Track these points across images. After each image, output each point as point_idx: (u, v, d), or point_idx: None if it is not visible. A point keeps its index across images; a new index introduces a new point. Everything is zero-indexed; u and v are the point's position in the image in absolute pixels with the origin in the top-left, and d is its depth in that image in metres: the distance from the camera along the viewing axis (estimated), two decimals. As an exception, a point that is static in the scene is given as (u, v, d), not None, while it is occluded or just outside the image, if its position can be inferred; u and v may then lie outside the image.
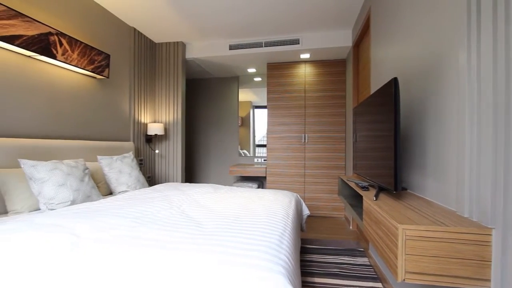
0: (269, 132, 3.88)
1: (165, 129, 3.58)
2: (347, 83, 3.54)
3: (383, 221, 1.04)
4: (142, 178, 2.60)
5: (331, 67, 3.71)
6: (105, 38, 2.75)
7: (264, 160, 4.50)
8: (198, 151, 4.86)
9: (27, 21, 1.84)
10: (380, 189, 1.44)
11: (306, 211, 2.37)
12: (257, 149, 4.62)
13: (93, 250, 1.05)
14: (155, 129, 3.31)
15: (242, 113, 4.65)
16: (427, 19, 1.29)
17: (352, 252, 2.39)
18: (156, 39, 3.52)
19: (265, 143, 4.57)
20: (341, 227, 3.20)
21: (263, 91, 4.52)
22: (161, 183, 3.60)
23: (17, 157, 1.80)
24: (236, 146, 4.66)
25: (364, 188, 1.56)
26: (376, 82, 2.17)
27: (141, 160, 3.28)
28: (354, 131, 2.22)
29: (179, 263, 0.96)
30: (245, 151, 4.64)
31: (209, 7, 2.69)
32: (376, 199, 1.27)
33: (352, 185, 1.78)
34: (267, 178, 3.86)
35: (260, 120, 4.60)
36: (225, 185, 4.67)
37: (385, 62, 1.93)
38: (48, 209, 1.69)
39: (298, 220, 2.02)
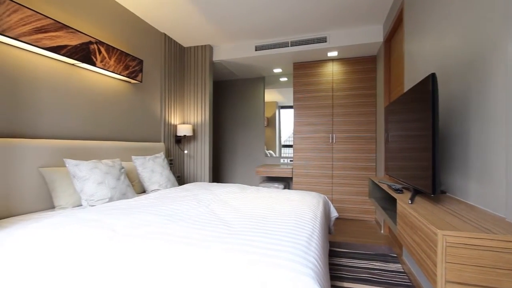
0: (295, 132, 3.84)
1: (194, 130, 3.69)
2: (378, 81, 3.39)
3: (420, 226, 0.98)
4: (172, 178, 2.71)
5: (360, 65, 3.58)
6: (139, 44, 2.91)
7: (290, 160, 4.46)
8: (224, 151, 4.94)
9: (71, 32, 2.01)
10: (416, 192, 1.35)
11: (334, 213, 2.31)
12: (283, 150, 4.60)
13: (128, 244, 1.11)
14: (184, 130, 3.43)
15: (267, 114, 4.66)
16: (470, 8, 1.19)
17: (384, 258, 2.28)
18: (185, 44, 3.65)
19: (291, 143, 4.53)
20: (372, 231, 3.07)
21: (289, 91, 4.49)
22: (189, 182, 3.72)
23: (62, 157, 1.97)
24: (262, 146, 4.67)
25: (398, 190, 1.48)
26: (411, 79, 2.05)
27: (171, 160, 3.41)
28: (386, 131, 2.12)
29: (210, 260, 0.98)
30: (271, 151, 4.63)
31: (235, 10, 2.73)
32: (411, 203, 1.20)
33: (385, 187, 1.70)
34: (294, 178, 3.82)
35: (286, 121, 4.57)
36: (251, 185, 4.70)
37: (421, 57, 1.82)
38: (89, 205, 1.82)
39: (326, 222, 1.97)
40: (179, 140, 3.61)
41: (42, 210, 1.80)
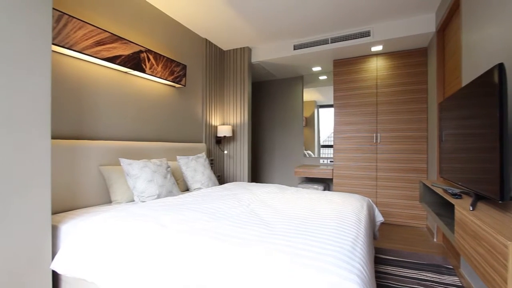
0: (336, 132, 3.71)
1: (233, 131, 3.78)
2: (429, 75, 3.10)
3: (486, 236, 0.87)
4: (213, 177, 2.81)
5: (408, 58, 3.32)
6: (182, 50, 3.08)
7: (331, 161, 4.32)
8: (263, 151, 4.98)
9: (124, 42, 2.20)
10: (478, 198, 1.21)
11: (379, 218, 2.17)
12: (322, 150, 4.47)
13: (176, 238, 1.18)
14: (224, 131, 3.54)
15: (306, 113, 4.57)
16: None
17: (437, 269, 2.08)
18: (225, 47, 3.76)
19: (330, 143, 4.38)
20: (423, 239, 2.82)
21: (329, 90, 4.35)
22: (229, 182, 3.82)
23: (118, 156, 2.17)
24: (301, 146, 4.60)
25: (456, 195, 1.34)
26: (470, 71, 1.84)
27: (212, 160, 3.55)
28: (440, 129, 1.93)
29: (251, 259, 1.00)
30: (309, 152, 4.54)
31: (273, 10, 2.73)
32: (473, 209, 1.07)
33: (439, 191, 1.54)
34: (334, 180, 3.69)
35: (325, 120, 4.43)
36: (289, 185, 4.66)
37: (482, 47, 1.62)
38: (140, 201, 1.97)
39: (371, 226, 1.86)
40: (219, 141, 3.73)
41: (101, 204, 2.01)
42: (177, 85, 2.91)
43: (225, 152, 3.85)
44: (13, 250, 1.24)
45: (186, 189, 2.70)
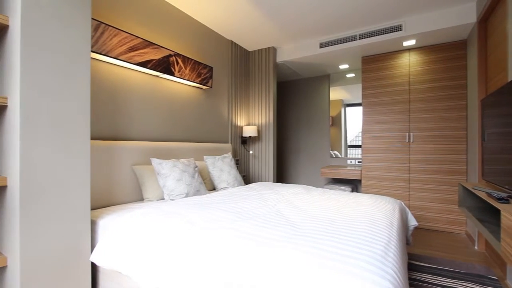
0: (364, 131, 3.57)
1: (258, 131, 3.80)
2: (470, 69, 2.88)
3: (539, 245, 0.78)
4: (239, 177, 2.84)
5: (445, 52, 3.10)
6: (209, 52, 3.15)
7: (359, 162, 4.17)
8: (288, 152, 4.94)
9: (155, 47, 2.30)
10: (529, 203, 1.09)
11: (413, 222, 2.06)
12: (349, 150, 4.33)
13: (204, 236, 1.21)
14: (249, 131, 3.56)
15: (332, 113, 4.46)
16: None
17: (479, 279, 1.92)
18: (250, 48, 3.78)
19: (358, 143, 4.23)
20: (462, 246, 2.62)
21: (357, 88, 4.20)
22: (254, 181, 3.84)
23: (149, 156, 2.27)
24: (327, 147, 4.50)
25: (502, 200, 1.22)
26: (518, 64, 1.67)
27: (237, 160, 3.59)
28: (482, 128, 1.78)
29: (278, 260, 0.99)
30: (336, 152, 4.42)
31: (298, 9, 2.70)
32: (523, 216, 0.97)
33: (482, 195, 1.42)
34: (363, 181, 3.56)
35: (353, 119, 4.29)
36: (315, 186, 4.58)
37: (534, 36, 1.46)
38: (170, 199, 2.05)
39: (404, 231, 1.77)
40: (245, 141, 3.76)
41: (134, 201, 2.12)
42: (204, 87, 2.99)
43: (251, 152, 3.88)
44: (58, 243, 1.35)
45: (213, 189, 2.75)
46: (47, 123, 1.31)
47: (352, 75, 4.25)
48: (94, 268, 1.62)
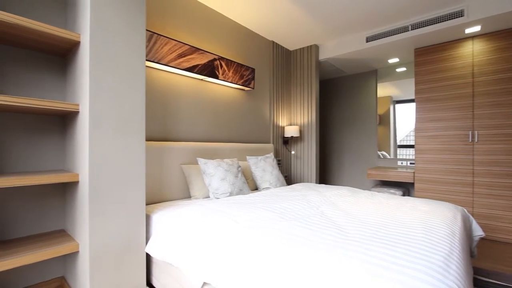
0: (418, 130, 3.27)
1: (300, 131, 3.74)
2: (552, 55, 2.44)
3: None
4: (281, 177, 2.83)
5: (518, 37, 2.68)
6: (251, 54, 3.20)
7: (411, 163, 3.83)
8: (331, 152, 4.77)
9: (201, 53, 2.42)
10: None
11: (478, 232, 1.82)
12: (399, 150, 4.01)
13: (248, 234, 1.23)
14: (291, 131, 3.53)
15: (380, 110, 4.18)
16: None
17: None
18: (291, 47, 3.75)
19: (409, 143, 3.89)
20: (544, 263, 2.23)
21: (408, 83, 3.87)
22: (296, 182, 3.79)
23: (195, 156, 2.40)
24: (374, 147, 4.23)
25: None
26: None
27: (279, 160, 3.58)
28: None
29: (323, 263, 0.96)
30: (383, 152, 4.13)
31: (341, 2, 2.58)
32: None
33: None
34: (416, 184, 3.26)
35: (403, 117, 3.96)
36: (360, 189, 4.34)
37: None
38: (215, 197, 2.13)
39: (467, 242, 1.57)
40: (286, 141, 3.74)
41: (181, 198, 2.25)
42: (246, 88, 3.04)
43: (292, 152, 3.84)
44: (119, 233, 1.50)
45: (255, 188, 2.79)
46: (110, 126, 1.46)
47: (403, 69, 3.93)
48: (148, 258, 1.76)
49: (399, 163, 3.96)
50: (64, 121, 1.72)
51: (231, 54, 2.94)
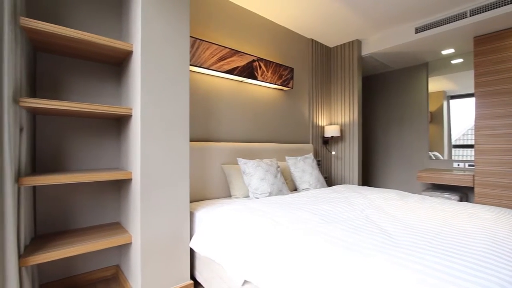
0: (478, 128, 2.92)
1: (341, 131, 3.59)
2: None
3: None
4: (321, 178, 2.75)
5: None
6: (289, 53, 3.18)
7: (470, 165, 3.43)
8: (376, 152, 4.50)
9: (240, 55, 2.47)
10: None
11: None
12: (454, 151, 3.61)
13: (288, 235, 1.22)
14: (331, 131, 3.41)
15: (432, 107, 3.82)
16: None
17: None
18: (331, 44, 3.63)
19: (467, 142, 3.49)
20: None
21: (465, 76, 3.48)
22: (337, 184, 3.66)
23: (235, 156, 2.45)
24: (425, 147, 3.88)
25: None
26: None
27: (318, 161, 3.49)
28: None
29: (371, 270, 0.91)
30: (436, 153, 3.76)
31: (389, -7, 2.42)
32: None
33: None
34: (476, 189, 2.91)
35: (459, 114, 3.57)
36: (409, 192, 4.01)
37: None
38: (254, 197, 2.16)
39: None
40: (326, 141, 3.63)
41: (222, 197, 2.32)
42: (285, 88, 3.03)
43: (333, 153, 3.71)
44: (166, 228, 1.60)
45: (294, 189, 2.76)
46: (159, 127, 1.57)
47: (459, 60, 3.55)
48: (192, 253, 1.86)
49: (455, 164, 3.58)
50: (119, 124, 1.89)
51: (269, 55, 2.95)
